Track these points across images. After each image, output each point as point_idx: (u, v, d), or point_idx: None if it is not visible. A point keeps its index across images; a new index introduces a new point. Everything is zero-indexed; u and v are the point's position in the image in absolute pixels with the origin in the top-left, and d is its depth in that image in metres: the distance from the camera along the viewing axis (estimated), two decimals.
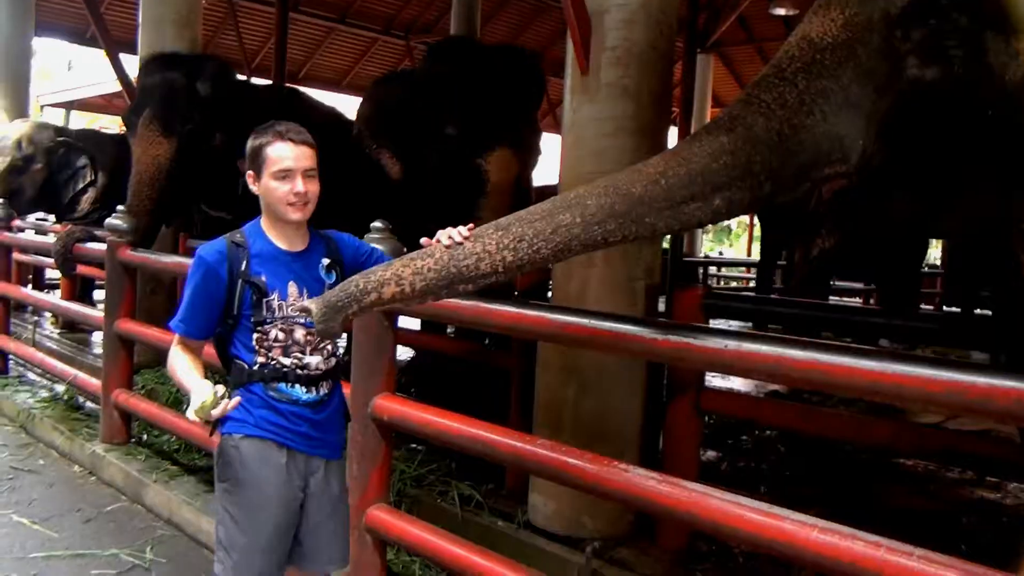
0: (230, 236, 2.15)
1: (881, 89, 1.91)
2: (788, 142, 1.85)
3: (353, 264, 2.24)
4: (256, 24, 13.47)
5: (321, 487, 2.20)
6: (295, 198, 2.08)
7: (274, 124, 2.12)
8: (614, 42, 3.38)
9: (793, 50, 1.94)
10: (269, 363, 2.11)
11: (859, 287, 12.03)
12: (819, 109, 1.86)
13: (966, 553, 3.45)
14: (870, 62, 1.90)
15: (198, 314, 2.10)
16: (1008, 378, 1.58)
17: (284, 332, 2.11)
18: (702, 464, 4.58)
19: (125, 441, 4.72)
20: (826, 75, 1.88)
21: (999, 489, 4.50)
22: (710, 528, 2.07)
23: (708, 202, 1.85)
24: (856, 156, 1.92)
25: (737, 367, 2.01)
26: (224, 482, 2.14)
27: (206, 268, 2.09)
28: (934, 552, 1.70)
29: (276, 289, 2.11)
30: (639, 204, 1.81)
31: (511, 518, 3.64)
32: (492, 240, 1.74)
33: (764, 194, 1.89)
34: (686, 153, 1.86)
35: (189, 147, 5.28)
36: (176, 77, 5.39)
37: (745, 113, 1.89)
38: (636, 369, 3.44)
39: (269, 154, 2.07)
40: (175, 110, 5.26)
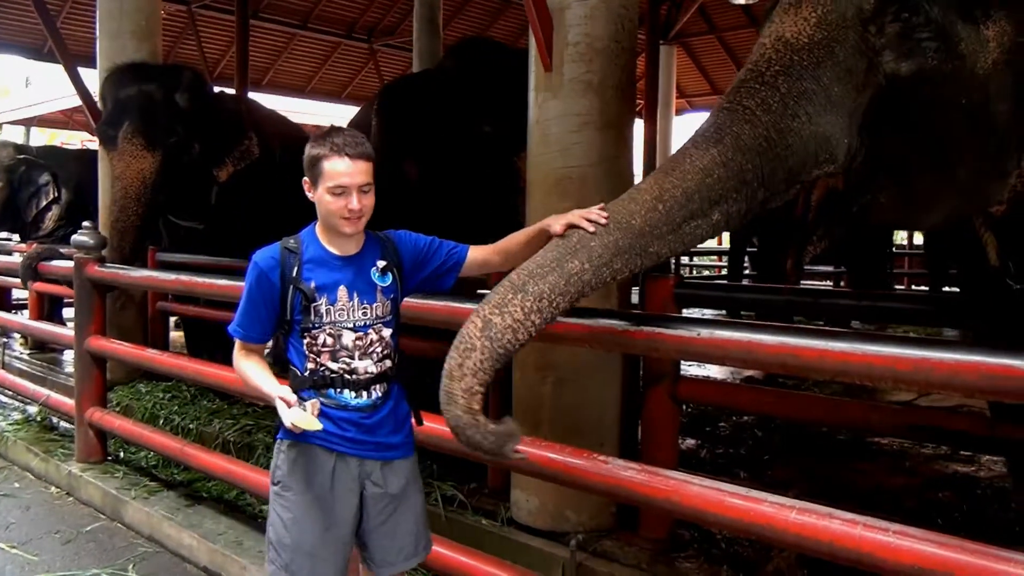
0: (284, 242, 2.16)
1: (860, 86, 1.93)
2: (777, 147, 1.86)
3: (414, 261, 2.24)
4: (216, 32, 13.35)
5: (378, 489, 2.19)
6: (349, 214, 2.07)
7: (332, 133, 2.10)
8: (576, 38, 3.39)
9: (769, 52, 1.95)
10: (319, 369, 2.12)
11: (830, 270, 12.17)
12: (803, 111, 1.88)
13: (941, 526, 3.53)
14: (848, 60, 1.92)
15: (254, 319, 2.13)
16: (973, 353, 1.62)
17: (332, 336, 2.11)
18: (681, 452, 4.62)
19: (101, 460, 4.67)
20: (806, 76, 1.89)
21: (972, 463, 4.58)
22: (691, 515, 2.10)
23: (707, 218, 1.86)
24: (843, 155, 1.94)
25: (710, 355, 2.03)
26: (275, 485, 2.19)
27: (259, 274, 2.11)
28: (909, 527, 1.74)
29: (324, 294, 2.11)
30: (641, 236, 1.82)
31: (494, 516, 3.64)
32: (517, 307, 1.76)
33: (758, 202, 1.90)
34: (679, 172, 1.86)
35: (172, 160, 5.28)
36: (155, 89, 5.36)
37: (730, 122, 1.89)
38: (612, 361, 3.45)
39: (326, 168, 2.05)
40: (158, 123, 5.25)
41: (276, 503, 2.18)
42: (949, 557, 1.63)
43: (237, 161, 5.52)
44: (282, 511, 2.15)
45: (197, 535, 3.67)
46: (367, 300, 2.14)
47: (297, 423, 1.96)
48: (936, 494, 4.11)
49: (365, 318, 2.13)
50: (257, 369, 2.13)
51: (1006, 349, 1.59)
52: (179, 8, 12.37)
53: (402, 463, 2.24)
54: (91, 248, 4.59)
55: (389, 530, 2.23)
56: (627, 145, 3.55)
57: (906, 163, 2.04)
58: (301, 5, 13.59)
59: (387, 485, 2.20)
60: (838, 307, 3.58)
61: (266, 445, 4.60)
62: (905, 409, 3.25)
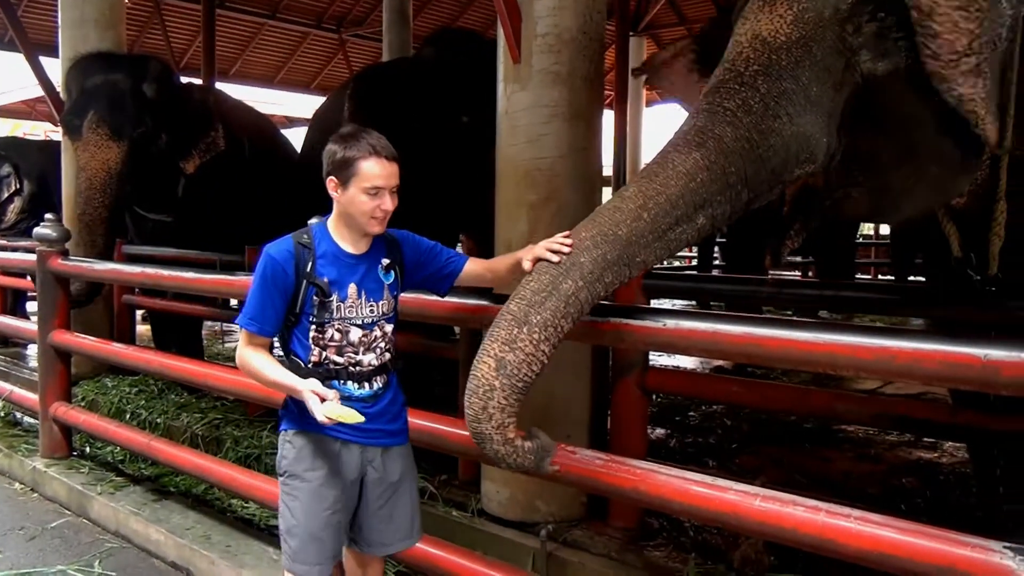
0: (296, 236, 2.17)
1: (838, 85, 1.95)
2: (759, 148, 1.87)
3: (414, 263, 2.29)
4: (183, 22, 13.15)
5: (378, 474, 2.25)
6: (381, 214, 2.11)
7: (363, 134, 2.12)
8: (544, 29, 3.38)
9: (747, 52, 1.96)
10: (323, 362, 2.16)
11: (797, 260, 12.30)
12: (784, 112, 1.88)
13: (905, 512, 3.58)
14: (826, 59, 1.93)
15: (267, 311, 2.13)
16: (933, 342, 1.64)
17: (340, 332, 2.15)
18: (652, 442, 4.66)
19: (67, 455, 4.62)
20: (786, 76, 1.90)
21: (935, 449, 4.66)
22: (656, 504, 2.12)
23: (692, 223, 1.86)
24: (823, 154, 1.96)
25: (675, 345, 2.05)
26: (281, 475, 2.23)
27: (275, 266, 2.11)
28: (871, 512, 1.77)
29: (337, 290, 2.14)
30: (628, 246, 1.82)
31: (465, 507, 3.65)
32: (526, 340, 1.78)
33: (742, 203, 1.91)
34: (662, 178, 1.85)
35: (139, 151, 5.19)
36: (121, 78, 5.27)
37: (712, 124, 1.89)
38: (581, 352, 3.47)
39: (363, 168, 2.07)
40: (125, 113, 5.16)
41: (284, 493, 2.22)
42: (908, 542, 1.66)
43: (203, 153, 5.43)
44: (290, 500, 2.20)
45: (164, 530, 3.64)
46: (374, 298, 2.19)
47: (332, 415, 1.97)
48: (900, 480, 4.18)
49: (372, 315, 2.19)
50: (272, 364, 2.14)
51: (965, 338, 1.61)
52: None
53: (400, 450, 2.31)
54: (54, 241, 4.51)
55: (387, 514, 2.29)
56: (596, 136, 3.56)
57: (880, 159, 2.06)
58: None
59: (387, 471, 2.26)
60: (804, 297, 3.62)
61: (234, 439, 4.57)
62: (869, 397, 3.30)
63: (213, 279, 3.70)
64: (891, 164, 2.07)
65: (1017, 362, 1.50)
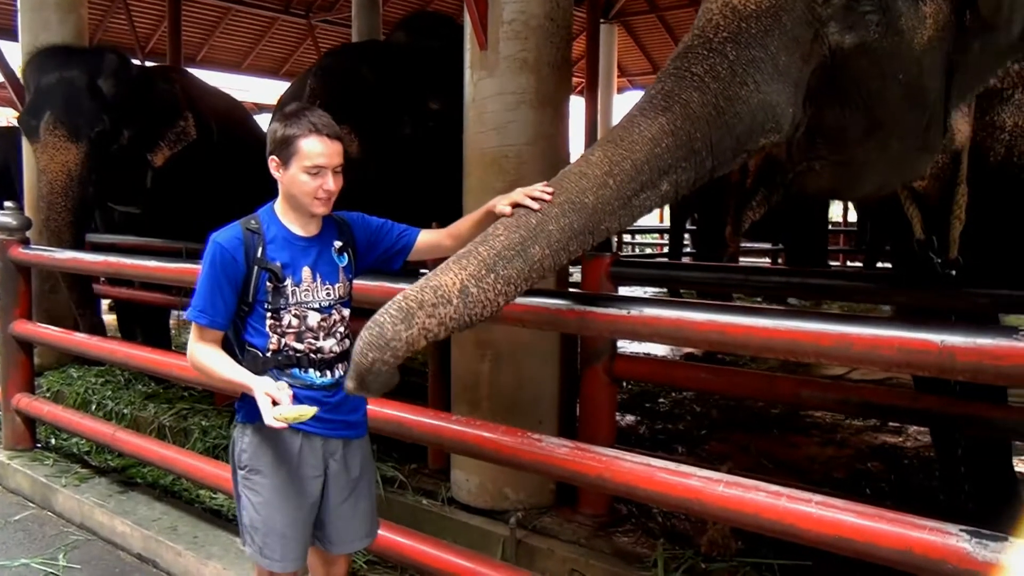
0: (244, 222, 2.11)
1: (806, 56, 1.95)
2: (725, 115, 1.85)
3: (367, 243, 2.24)
4: (148, 6, 12.95)
5: (340, 468, 2.20)
6: (324, 194, 2.06)
7: (305, 112, 2.07)
8: (511, 15, 3.37)
9: (717, 19, 1.94)
10: (282, 349, 2.10)
11: (768, 247, 12.40)
12: (751, 79, 1.87)
13: (870, 495, 3.63)
14: (795, 29, 1.92)
15: (218, 302, 2.06)
16: (891, 328, 1.66)
17: (297, 318, 2.10)
18: (621, 429, 4.68)
19: (30, 447, 4.55)
20: (754, 44, 1.89)
21: (900, 433, 4.73)
22: (623, 491, 2.13)
23: (656, 189, 1.84)
24: (788, 125, 1.95)
25: (640, 332, 2.06)
26: (241, 469, 2.16)
27: (223, 253, 2.05)
28: (831, 497, 1.79)
29: (291, 274, 2.09)
30: (594, 214, 1.79)
31: (435, 496, 3.65)
32: (490, 286, 1.71)
33: (706, 170, 1.89)
34: (627, 142, 1.83)
35: (99, 150, 4.99)
36: (76, 76, 5.03)
37: (679, 89, 1.87)
38: (550, 340, 3.47)
39: (302, 147, 2.02)
40: (81, 113, 4.94)
41: (245, 487, 2.17)
42: (868, 526, 1.68)
43: (173, 144, 5.24)
44: (252, 495, 2.15)
45: (130, 522, 3.59)
46: (330, 281, 2.15)
47: (283, 418, 1.90)
48: (866, 465, 4.24)
49: (329, 298, 2.14)
50: (224, 360, 2.08)
51: (922, 324, 1.63)
52: None
53: (360, 442, 2.27)
54: (14, 229, 4.43)
55: (348, 510, 2.24)
56: (563, 123, 3.55)
57: (844, 133, 2.07)
58: None
59: (348, 465, 2.22)
60: (771, 284, 3.65)
61: (202, 429, 4.54)
62: (833, 383, 3.33)
63: (175, 267, 3.66)
64: (854, 138, 2.07)
65: (972, 347, 1.52)
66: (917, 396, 2.89)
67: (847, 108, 2.04)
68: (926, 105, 2.09)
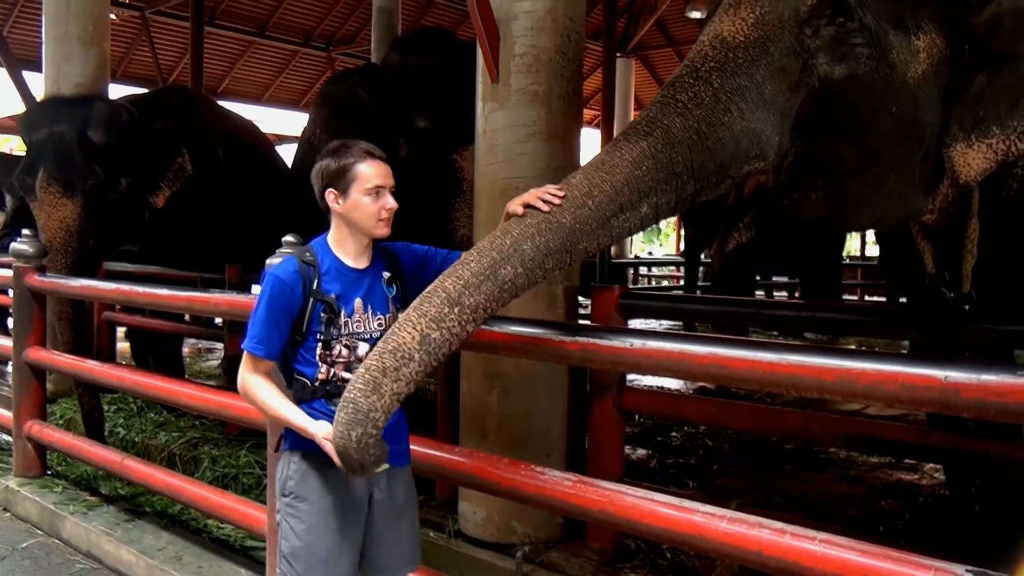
0: (300, 254, 2.15)
1: (794, 86, 1.97)
2: (707, 140, 1.88)
3: (413, 271, 2.26)
4: (171, 38, 13.20)
5: (385, 496, 2.19)
6: (387, 213, 2.11)
7: (351, 143, 2.14)
8: (523, 49, 3.40)
9: (706, 49, 1.98)
10: (331, 379, 2.12)
11: (785, 281, 12.34)
12: (735, 106, 1.90)
13: (883, 533, 3.57)
14: (782, 60, 1.95)
15: (273, 334, 2.08)
16: (894, 364, 1.64)
17: (348, 348, 2.12)
18: (632, 462, 4.64)
19: (40, 474, 4.55)
20: (740, 73, 1.92)
21: (915, 471, 4.66)
22: (626, 526, 2.10)
23: (636, 211, 1.87)
24: (773, 153, 1.97)
25: (642, 365, 2.04)
26: (286, 497, 2.16)
27: (283, 286, 2.08)
28: (836, 535, 1.76)
29: (343, 306, 2.12)
30: (571, 234, 1.82)
31: (442, 528, 3.62)
32: (455, 321, 1.77)
33: (688, 194, 1.91)
34: (608, 166, 1.87)
35: (96, 201, 4.92)
36: (65, 130, 4.94)
37: (662, 115, 1.91)
38: (558, 372, 3.46)
39: (361, 171, 2.08)
40: (73, 168, 4.86)
41: (288, 515, 2.16)
42: (873, 565, 1.65)
43: (172, 183, 5.16)
44: (295, 522, 2.14)
45: (135, 551, 3.58)
46: (381, 312, 2.17)
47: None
48: (880, 502, 4.17)
49: (380, 329, 2.15)
50: (280, 398, 2.09)
51: (927, 360, 1.61)
52: (132, 14, 12.24)
53: (403, 471, 2.27)
54: (30, 257, 4.48)
55: (393, 537, 2.23)
56: (574, 156, 3.57)
57: (837, 165, 2.07)
58: (258, 13, 13.52)
59: (392, 493, 2.21)
60: (782, 318, 3.63)
61: (212, 458, 4.54)
62: (842, 419, 3.30)
63: (186, 296, 3.68)
64: (849, 170, 2.07)
65: (976, 384, 1.50)
66: (928, 433, 2.85)
67: (840, 140, 2.04)
68: (921, 139, 2.09)
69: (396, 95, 4.79)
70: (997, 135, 2.08)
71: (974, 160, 2.11)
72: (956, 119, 2.09)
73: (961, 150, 2.11)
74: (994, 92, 2.08)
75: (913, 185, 2.15)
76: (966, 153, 2.11)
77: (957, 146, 2.09)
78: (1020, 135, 2.06)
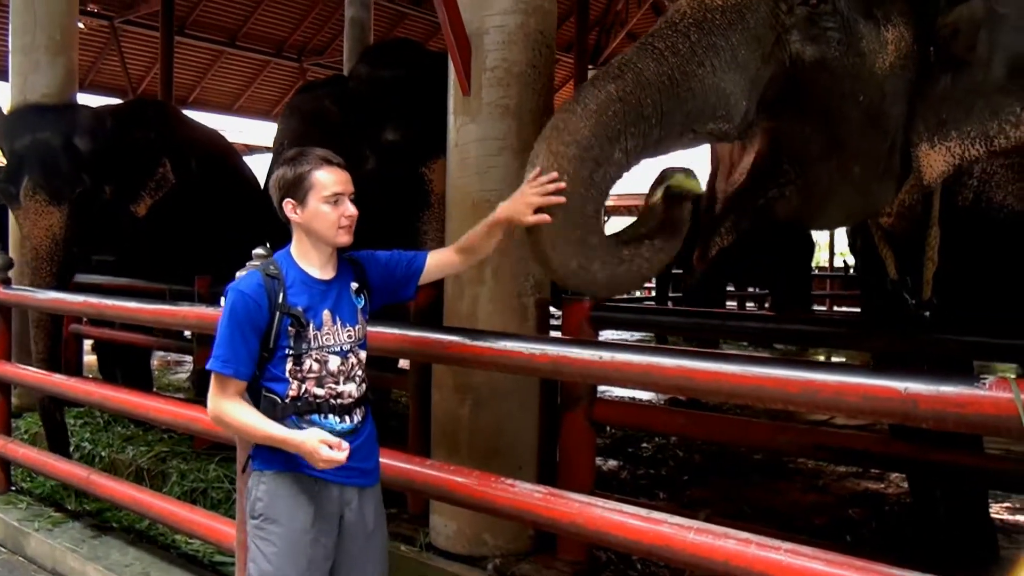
0: (263, 267, 2.09)
1: (766, 57, 2.01)
2: (679, 87, 1.92)
3: (380, 279, 2.22)
4: (140, 48, 13.11)
5: (356, 517, 2.14)
6: (347, 221, 2.07)
7: (308, 151, 2.09)
8: (494, 62, 3.42)
9: (685, 8, 2.02)
10: (302, 395, 2.06)
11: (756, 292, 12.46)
12: (709, 62, 1.94)
13: (849, 542, 3.61)
14: (757, 29, 1.99)
15: (241, 352, 2.01)
16: (856, 375, 1.67)
17: (318, 362, 2.06)
18: (604, 474, 4.66)
19: (5, 490, 4.48)
20: (716, 32, 1.96)
21: (882, 480, 4.72)
22: (595, 538, 2.11)
23: (609, 160, 1.89)
24: (739, 116, 2.00)
25: (611, 377, 2.06)
26: (255, 519, 2.10)
27: (247, 301, 2.02)
28: (802, 545, 1.78)
29: (312, 318, 2.06)
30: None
31: (413, 541, 3.60)
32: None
33: (653, 141, 1.94)
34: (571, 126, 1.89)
35: (82, 209, 4.88)
36: (51, 136, 4.88)
37: (637, 59, 1.95)
38: (529, 384, 3.46)
39: (318, 179, 2.04)
40: (60, 175, 4.81)
41: (257, 537, 2.09)
42: (836, 574, 1.67)
43: (154, 192, 5.13)
44: (264, 545, 2.08)
45: (102, 567, 3.53)
46: (350, 323, 2.12)
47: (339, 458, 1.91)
48: (847, 511, 4.22)
49: (350, 340, 2.11)
50: (257, 415, 2.02)
51: (887, 371, 1.64)
52: (101, 23, 12.12)
53: (374, 490, 2.22)
54: None
55: (363, 558, 2.18)
56: None
57: (806, 148, 2.10)
58: (229, 22, 13.46)
59: (363, 514, 2.16)
60: (748, 329, 3.67)
61: (180, 472, 4.49)
62: (809, 429, 3.35)
63: (156, 309, 3.65)
64: (816, 156, 2.10)
65: (935, 395, 1.53)
66: (891, 442, 2.90)
67: (808, 122, 2.08)
68: (887, 131, 2.12)
69: (364, 106, 4.79)
70: (955, 138, 2.11)
71: (935, 161, 2.14)
72: (922, 117, 2.12)
73: (925, 150, 2.14)
74: (955, 96, 2.11)
75: (878, 178, 2.17)
76: (929, 153, 2.14)
77: (922, 145, 2.12)
78: (973, 141, 2.09)
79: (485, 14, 3.41)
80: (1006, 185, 2.44)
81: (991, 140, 2.07)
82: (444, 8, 3.33)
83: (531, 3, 3.43)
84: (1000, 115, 2.06)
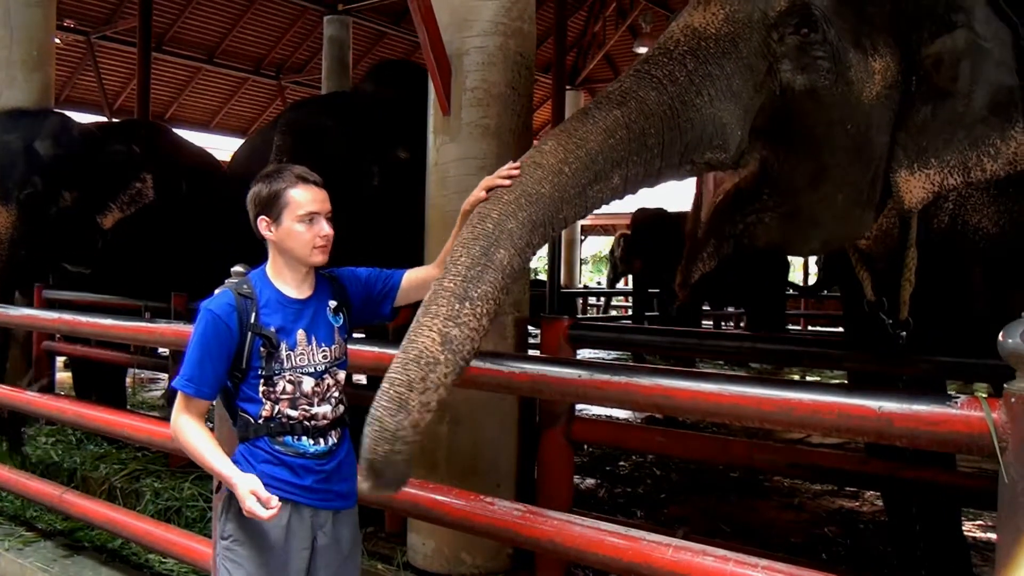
0: (236, 287, 2.04)
1: (759, 86, 2.03)
2: (679, 117, 1.93)
3: (361, 296, 2.18)
4: (117, 64, 13.06)
5: (330, 540, 2.09)
6: (322, 241, 2.03)
7: (285, 168, 2.06)
8: (474, 83, 3.46)
9: (678, 36, 2.04)
10: (275, 416, 2.02)
11: (732, 311, 12.56)
12: (706, 91, 1.95)
13: (825, 560, 3.64)
14: (750, 58, 2.02)
15: (207, 372, 1.98)
16: (832, 394, 1.70)
17: (292, 383, 2.02)
18: (582, 492, 4.67)
19: None
20: (711, 61, 1.98)
21: (857, 498, 4.77)
22: (574, 556, 2.12)
23: (608, 181, 1.87)
24: (734, 146, 2.02)
25: (590, 396, 2.08)
26: (224, 539, 2.06)
27: (216, 321, 1.98)
28: (778, 562, 1.80)
29: (284, 339, 2.02)
30: (552, 203, 1.80)
31: (391, 560, 3.59)
32: (471, 316, 1.68)
33: (654, 171, 1.94)
34: (581, 133, 1.86)
35: (32, 212, 4.94)
36: (11, 139, 5.01)
37: (637, 87, 1.94)
38: (508, 402, 3.47)
39: (292, 197, 2.00)
40: (10, 176, 4.92)
41: (226, 559, 2.05)
42: None
43: (126, 206, 5.18)
44: (233, 567, 2.04)
45: None
46: (326, 343, 2.08)
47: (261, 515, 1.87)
48: (823, 529, 4.26)
49: (325, 361, 2.07)
50: (211, 445, 1.99)
51: (862, 390, 1.67)
52: (78, 39, 12.06)
53: (349, 514, 2.16)
54: None
55: None
56: None
57: (791, 177, 2.13)
58: (207, 39, 13.44)
59: (338, 536, 2.11)
60: (724, 348, 3.71)
61: (154, 491, 4.43)
62: (785, 447, 3.38)
63: (131, 326, 3.62)
64: (801, 185, 2.13)
65: (908, 414, 1.56)
66: (866, 460, 2.93)
67: (795, 151, 2.10)
68: (871, 159, 2.15)
69: (370, 123, 4.82)
70: (935, 167, 2.15)
71: (915, 188, 2.17)
72: (902, 145, 2.16)
73: (904, 176, 2.17)
74: (935, 125, 2.15)
75: (861, 205, 2.20)
76: (908, 180, 2.16)
77: (902, 172, 2.16)
78: (951, 170, 2.14)
79: (465, 35, 3.44)
80: (981, 208, 2.49)
81: (969, 171, 2.13)
82: (425, 29, 3.36)
83: (511, 25, 3.47)
84: (979, 146, 2.12)
